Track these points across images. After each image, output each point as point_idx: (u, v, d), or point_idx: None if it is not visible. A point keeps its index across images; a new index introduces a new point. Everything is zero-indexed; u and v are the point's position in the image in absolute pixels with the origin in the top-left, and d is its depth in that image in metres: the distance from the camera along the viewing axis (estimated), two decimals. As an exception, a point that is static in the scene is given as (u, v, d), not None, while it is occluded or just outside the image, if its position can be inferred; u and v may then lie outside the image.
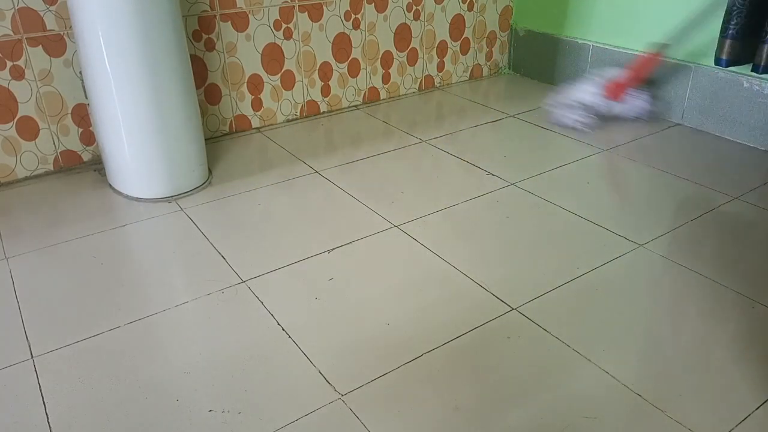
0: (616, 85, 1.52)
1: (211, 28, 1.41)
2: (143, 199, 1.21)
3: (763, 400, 0.73)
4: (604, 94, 1.52)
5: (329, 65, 1.62)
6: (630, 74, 1.51)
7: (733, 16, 1.29)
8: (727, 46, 1.32)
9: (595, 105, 1.51)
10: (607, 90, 1.52)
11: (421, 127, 1.57)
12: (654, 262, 1.00)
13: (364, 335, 0.84)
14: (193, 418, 0.72)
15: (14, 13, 1.18)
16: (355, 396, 0.74)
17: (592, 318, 0.88)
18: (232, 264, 1.01)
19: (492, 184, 1.27)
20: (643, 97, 1.53)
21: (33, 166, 1.30)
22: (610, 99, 1.52)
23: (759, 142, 1.41)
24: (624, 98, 1.52)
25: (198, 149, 1.25)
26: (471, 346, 0.82)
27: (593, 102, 1.51)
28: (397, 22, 1.68)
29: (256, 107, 1.55)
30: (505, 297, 0.92)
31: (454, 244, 1.06)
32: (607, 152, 1.41)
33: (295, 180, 1.29)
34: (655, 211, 1.15)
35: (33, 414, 0.73)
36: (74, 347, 0.83)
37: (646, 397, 0.74)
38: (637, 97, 1.53)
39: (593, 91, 1.52)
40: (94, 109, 1.18)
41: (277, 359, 0.80)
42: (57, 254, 1.04)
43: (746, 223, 1.12)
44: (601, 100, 1.52)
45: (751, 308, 0.89)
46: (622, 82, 1.51)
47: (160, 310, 0.90)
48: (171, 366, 0.79)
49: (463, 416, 0.71)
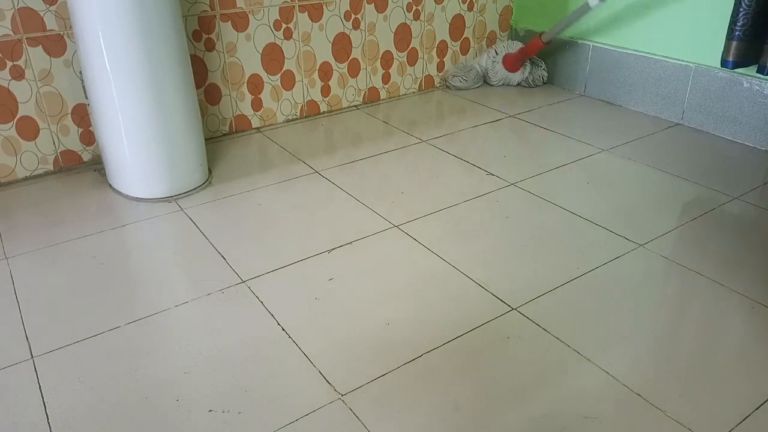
0: (512, 57, 1.81)
1: (211, 28, 1.41)
2: (143, 199, 1.21)
3: (763, 400, 0.73)
4: (502, 64, 1.84)
5: (329, 65, 1.62)
6: (522, 51, 1.79)
7: (740, 17, 1.28)
8: (734, 47, 1.32)
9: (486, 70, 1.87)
10: (505, 61, 1.83)
11: (421, 127, 1.57)
12: (654, 262, 1.00)
13: (364, 335, 0.84)
14: (193, 418, 0.72)
15: (14, 13, 1.18)
16: (355, 396, 0.74)
17: (592, 318, 0.88)
18: (232, 264, 1.01)
19: (492, 184, 1.27)
20: (529, 69, 1.83)
21: (33, 166, 1.30)
22: (507, 69, 1.84)
23: (759, 142, 1.41)
24: (518, 68, 1.83)
25: (198, 149, 1.25)
26: (471, 346, 0.82)
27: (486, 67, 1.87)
28: (397, 22, 1.68)
29: (256, 107, 1.55)
30: (505, 297, 0.92)
31: (454, 244, 1.06)
32: (607, 152, 1.41)
33: (295, 180, 1.29)
34: (655, 211, 1.15)
35: (33, 414, 0.73)
36: (74, 347, 0.83)
37: (646, 397, 0.74)
38: (525, 68, 1.83)
39: (491, 60, 1.86)
40: (94, 109, 1.18)
41: (277, 359, 0.80)
42: (57, 254, 1.04)
43: (746, 223, 1.12)
44: (497, 68, 1.85)
45: (751, 308, 0.89)
46: (516, 56, 1.80)
47: (160, 310, 0.90)
48: (171, 366, 0.79)
49: (463, 416, 0.71)
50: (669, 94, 1.56)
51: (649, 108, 1.62)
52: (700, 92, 1.49)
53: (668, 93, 1.56)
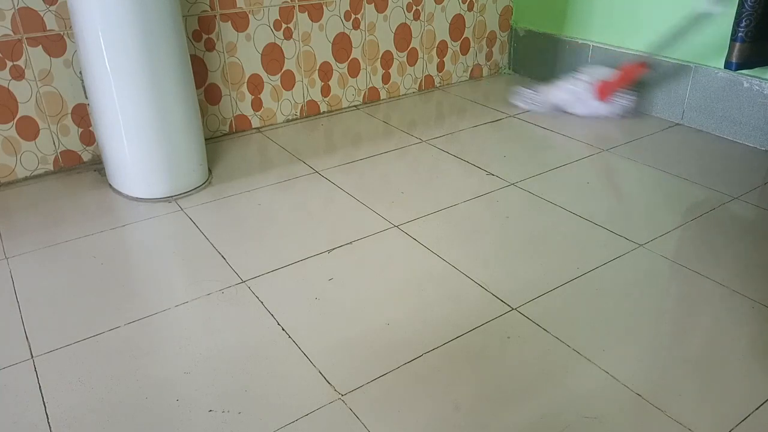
0: (605, 85, 1.57)
1: (211, 28, 1.41)
2: (143, 199, 1.21)
3: (763, 400, 0.73)
4: (592, 94, 1.57)
5: (329, 65, 1.62)
6: (618, 78, 1.55)
7: (743, 19, 1.28)
8: (737, 49, 1.31)
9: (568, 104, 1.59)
10: (597, 90, 1.57)
11: (421, 127, 1.57)
12: (654, 262, 1.00)
13: (364, 335, 0.84)
14: (193, 418, 0.72)
15: (14, 13, 1.18)
16: (355, 396, 0.74)
17: (592, 318, 0.88)
18: (232, 264, 1.01)
19: (492, 184, 1.27)
20: (627, 98, 1.58)
21: (33, 166, 1.30)
22: (599, 99, 1.57)
23: (759, 142, 1.41)
24: (611, 99, 1.58)
25: (198, 149, 1.25)
26: (471, 346, 0.82)
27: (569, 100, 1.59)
28: (397, 22, 1.68)
29: (256, 107, 1.55)
30: (505, 297, 0.92)
31: (454, 244, 1.06)
32: (607, 152, 1.41)
33: (295, 180, 1.29)
34: (655, 211, 1.15)
35: (33, 414, 0.73)
36: (74, 347, 0.83)
37: (646, 397, 0.74)
38: (622, 98, 1.58)
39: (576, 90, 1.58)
40: (94, 109, 1.18)
41: (277, 359, 0.80)
42: (57, 254, 1.04)
43: (746, 223, 1.12)
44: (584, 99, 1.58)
45: (751, 308, 0.89)
46: (611, 83, 1.56)
47: (160, 310, 0.90)
48: (171, 366, 0.79)
49: (463, 416, 0.71)
50: (669, 94, 1.56)
51: (649, 108, 1.62)
52: (700, 92, 1.49)
53: (668, 93, 1.56)
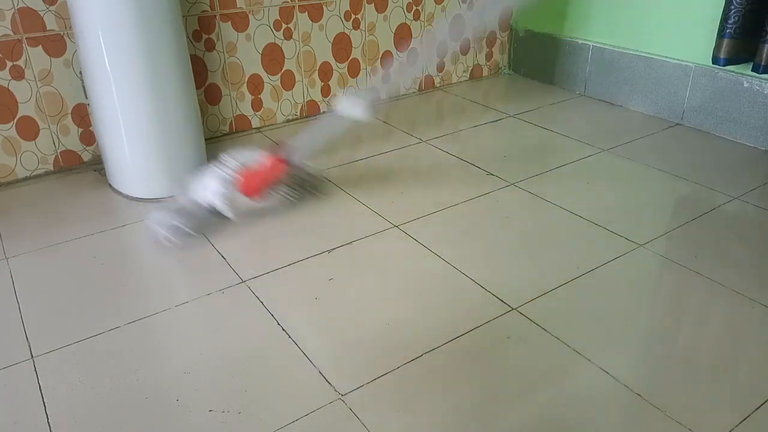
0: (253, 179, 1.11)
1: (211, 28, 1.41)
2: (143, 199, 1.21)
3: (763, 400, 0.73)
4: (237, 189, 1.10)
5: (329, 65, 1.62)
6: (263, 173, 1.12)
7: (731, 15, 1.29)
8: (725, 45, 1.32)
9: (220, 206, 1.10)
10: (242, 186, 1.10)
11: (421, 127, 1.57)
12: (654, 262, 1.00)
13: (364, 335, 0.84)
14: (193, 418, 0.72)
15: (14, 13, 1.18)
16: (355, 396, 0.74)
17: (592, 318, 0.88)
18: (232, 264, 1.01)
19: (492, 184, 1.27)
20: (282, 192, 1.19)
21: (33, 166, 1.30)
22: (247, 195, 1.12)
23: (759, 142, 1.41)
24: (265, 194, 1.15)
25: (198, 149, 1.25)
26: (471, 346, 0.82)
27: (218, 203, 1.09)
28: (397, 22, 1.68)
29: (256, 107, 1.55)
30: (505, 297, 0.92)
31: (454, 244, 1.06)
32: (607, 152, 1.41)
33: (295, 180, 1.29)
34: (655, 211, 1.15)
35: (33, 414, 0.73)
36: (74, 347, 0.83)
37: (646, 397, 0.74)
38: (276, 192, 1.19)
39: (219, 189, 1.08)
40: (94, 109, 1.18)
41: (277, 359, 0.80)
42: (57, 254, 1.04)
43: (746, 223, 1.12)
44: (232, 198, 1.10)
45: (751, 308, 0.89)
46: (257, 177, 1.11)
47: (160, 310, 0.90)
48: (171, 366, 0.79)
49: (463, 416, 0.71)
50: (669, 94, 1.56)
51: (649, 108, 1.62)
52: (700, 92, 1.49)
53: (668, 93, 1.56)
